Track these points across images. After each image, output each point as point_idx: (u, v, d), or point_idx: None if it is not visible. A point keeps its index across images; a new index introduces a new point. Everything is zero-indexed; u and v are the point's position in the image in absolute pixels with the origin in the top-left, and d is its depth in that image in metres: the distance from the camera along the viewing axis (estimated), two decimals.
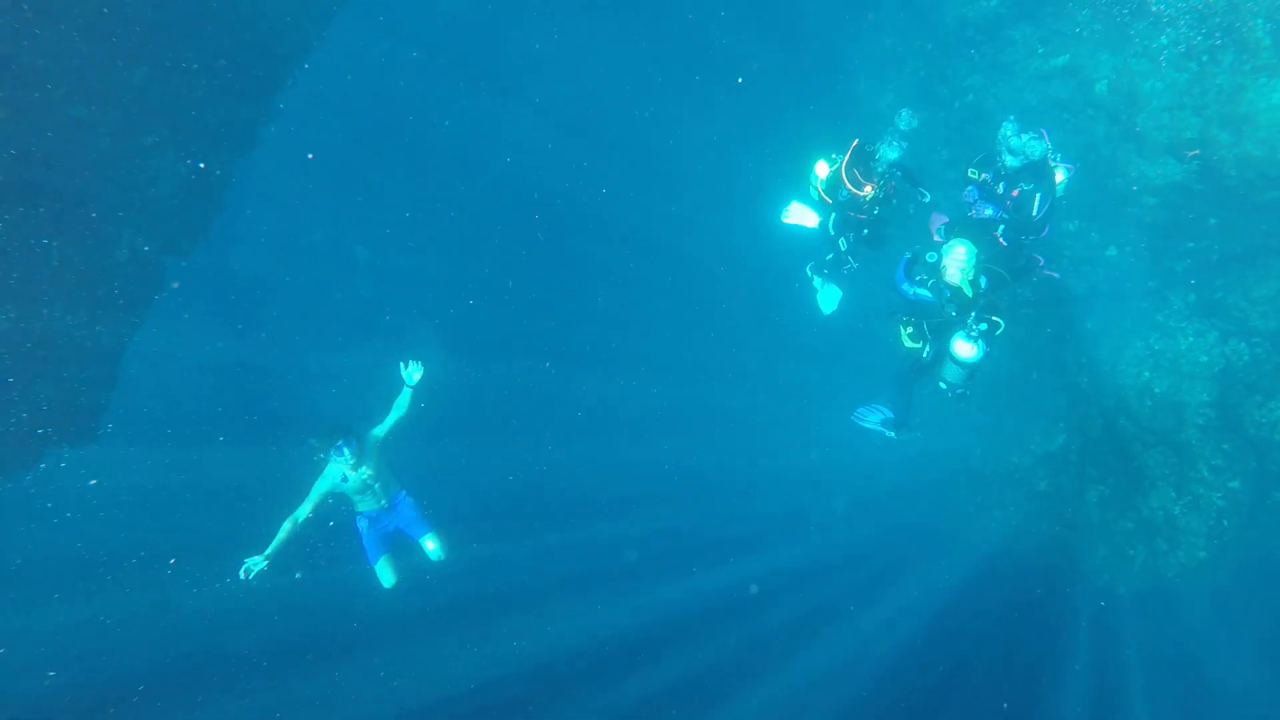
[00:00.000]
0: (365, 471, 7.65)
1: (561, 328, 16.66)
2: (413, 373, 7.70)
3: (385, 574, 8.10)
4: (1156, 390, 11.71)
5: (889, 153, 8.26)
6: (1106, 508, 12.54)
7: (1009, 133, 7.86)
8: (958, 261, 7.55)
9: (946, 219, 8.86)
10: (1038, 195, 7.82)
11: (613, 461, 16.99)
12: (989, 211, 8.08)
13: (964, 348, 7.52)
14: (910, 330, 8.17)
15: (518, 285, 16.33)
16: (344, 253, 14.86)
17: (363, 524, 8.06)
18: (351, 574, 8.29)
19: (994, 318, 7.53)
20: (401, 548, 8.28)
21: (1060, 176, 8.04)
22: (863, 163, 8.30)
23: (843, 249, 9.03)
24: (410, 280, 15.51)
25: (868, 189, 8.32)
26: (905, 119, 8.35)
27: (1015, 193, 7.91)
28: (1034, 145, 7.72)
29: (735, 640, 15.64)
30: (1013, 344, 12.18)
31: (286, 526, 7.20)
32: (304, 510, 7.34)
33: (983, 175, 8.31)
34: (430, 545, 8.20)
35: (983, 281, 7.67)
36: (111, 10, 7.36)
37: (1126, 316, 12.01)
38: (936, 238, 8.84)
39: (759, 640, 15.72)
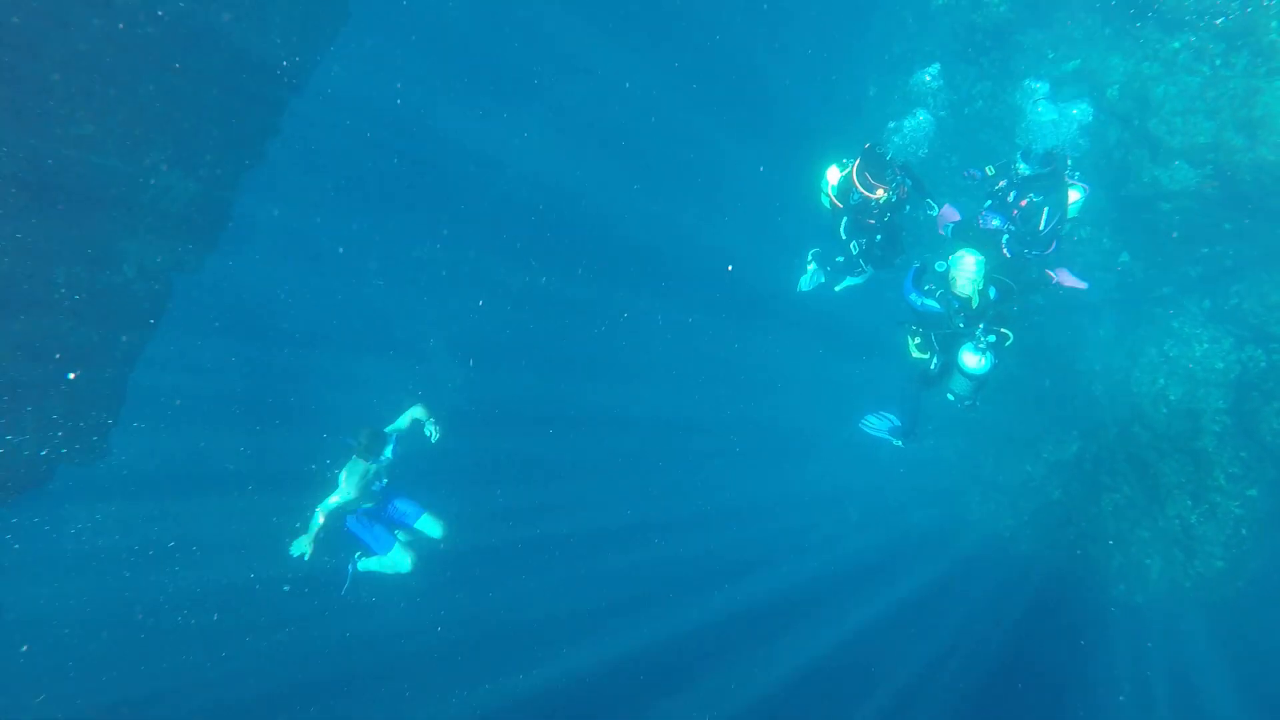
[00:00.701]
0: (383, 474, 7.62)
1: (572, 338, 16.65)
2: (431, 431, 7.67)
3: (402, 559, 7.91)
4: (1172, 397, 11.56)
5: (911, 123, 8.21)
6: (1122, 517, 12.38)
7: (1042, 93, 7.71)
8: (967, 272, 7.48)
9: (959, 216, 8.73)
10: (1046, 209, 7.69)
11: (623, 469, 16.97)
12: (996, 223, 7.98)
13: (972, 360, 7.44)
14: (918, 341, 8.09)
15: (527, 294, 16.32)
16: (352, 264, 14.90)
17: (358, 522, 7.86)
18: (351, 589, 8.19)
19: (1003, 329, 7.44)
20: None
21: (1075, 196, 7.87)
22: (874, 165, 8.14)
23: (855, 253, 8.95)
24: (419, 289, 15.54)
25: (879, 192, 8.16)
26: (926, 77, 8.24)
27: (1024, 202, 7.79)
28: (1057, 114, 7.55)
29: (742, 647, 15.55)
30: (1025, 351, 12.07)
31: (320, 515, 7.13)
32: (346, 495, 7.23)
33: (1000, 183, 8.21)
34: (430, 525, 8.13)
35: (991, 292, 7.59)
36: (115, 30, 7.40)
37: (1140, 323, 11.87)
38: (942, 231, 8.74)
39: (767, 647, 15.63)
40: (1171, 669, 13.20)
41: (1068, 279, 8.22)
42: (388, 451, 7.42)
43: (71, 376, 7.87)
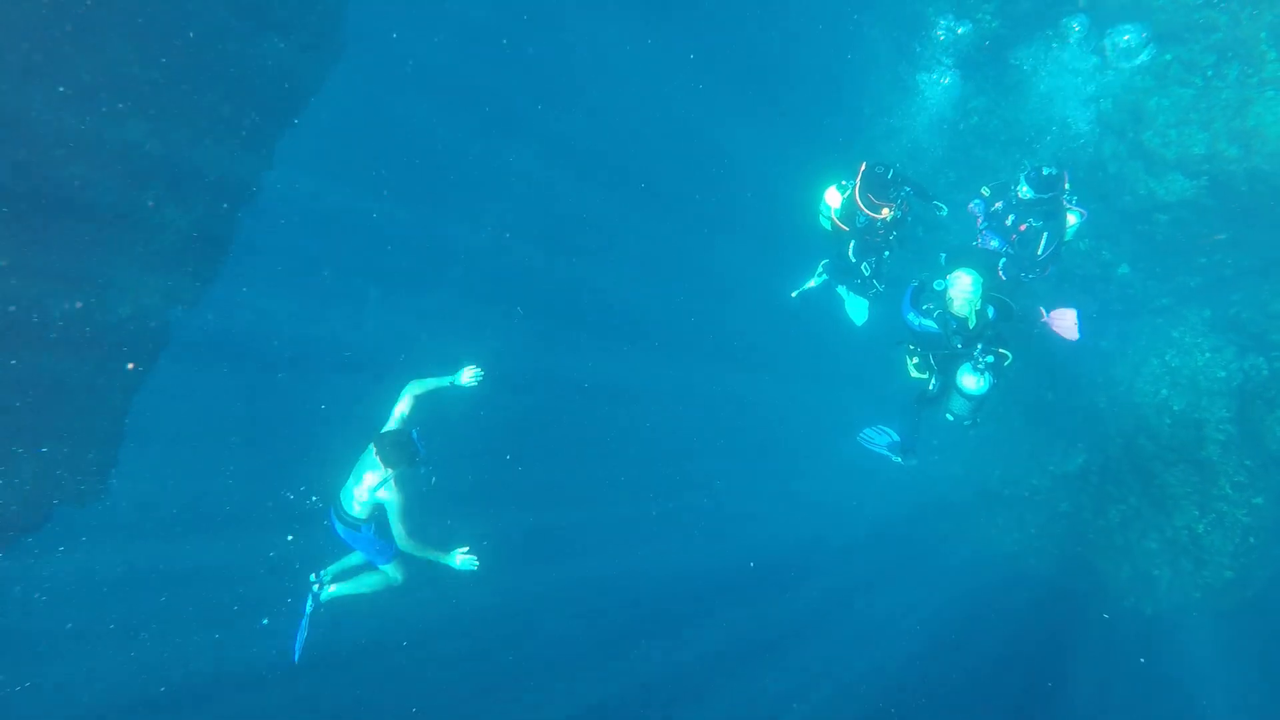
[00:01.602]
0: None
1: (575, 359, 16.63)
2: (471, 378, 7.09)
3: (399, 568, 7.52)
4: (1175, 407, 11.52)
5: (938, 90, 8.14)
6: (1129, 528, 12.31)
7: (1083, 27, 7.68)
8: (964, 292, 7.43)
9: (983, 218, 8.61)
10: (1045, 234, 7.69)
11: (627, 486, 16.91)
12: (995, 243, 7.97)
13: (970, 381, 7.40)
14: (916, 361, 8.05)
15: (531, 319, 16.31)
16: (354, 293, 14.90)
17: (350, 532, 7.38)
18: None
19: (1001, 350, 7.40)
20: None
21: (1073, 220, 7.86)
22: (876, 185, 7.94)
23: (866, 274, 8.87)
24: (423, 319, 15.53)
25: (885, 211, 7.98)
26: (941, 32, 8.17)
27: (1023, 227, 7.77)
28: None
29: (748, 664, 15.46)
30: (1028, 364, 12.02)
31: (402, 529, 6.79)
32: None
33: (997, 204, 8.18)
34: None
35: (990, 312, 7.55)
36: (107, 69, 7.45)
37: (1142, 334, 11.85)
38: (979, 223, 8.60)
39: (773, 661, 15.54)
40: (1183, 680, 13.10)
41: (1063, 325, 8.02)
42: (421, 447, 6.81)
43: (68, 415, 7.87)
